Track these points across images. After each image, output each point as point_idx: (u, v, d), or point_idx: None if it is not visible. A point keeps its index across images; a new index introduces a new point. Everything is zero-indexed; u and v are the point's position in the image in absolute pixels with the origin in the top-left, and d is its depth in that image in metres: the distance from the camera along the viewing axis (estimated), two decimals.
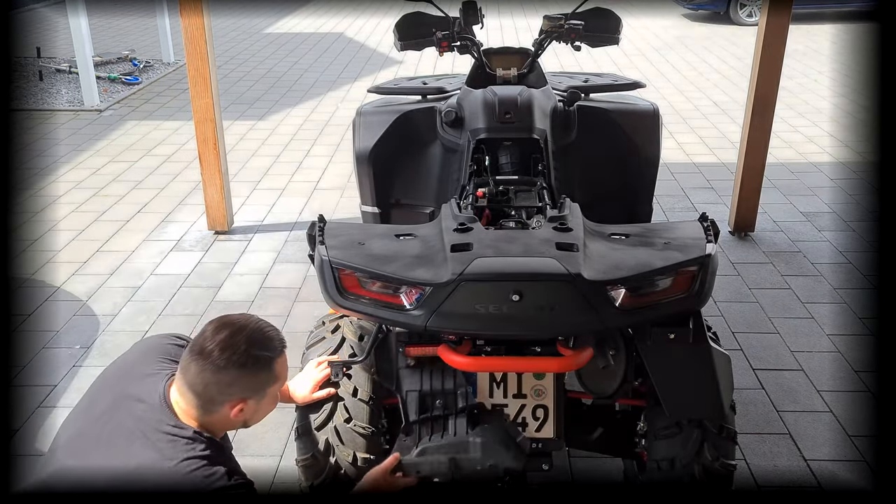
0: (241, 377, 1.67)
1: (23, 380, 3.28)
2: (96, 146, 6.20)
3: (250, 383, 1.70)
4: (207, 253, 4.40)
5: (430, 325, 1.87)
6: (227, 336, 1.67)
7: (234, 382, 1.67)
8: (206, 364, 1.65)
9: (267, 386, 1.73)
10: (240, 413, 1.71)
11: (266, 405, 1.78)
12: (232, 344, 1.66)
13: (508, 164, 2.89)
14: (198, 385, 1.66)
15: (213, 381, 1.66)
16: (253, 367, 1.68)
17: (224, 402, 1.69)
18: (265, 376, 1.72)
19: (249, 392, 1.70)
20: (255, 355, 1.68)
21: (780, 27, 4.19)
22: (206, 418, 1.70)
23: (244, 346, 1.67)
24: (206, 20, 4.27)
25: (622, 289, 1.86)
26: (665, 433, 2.12)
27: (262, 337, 1.71)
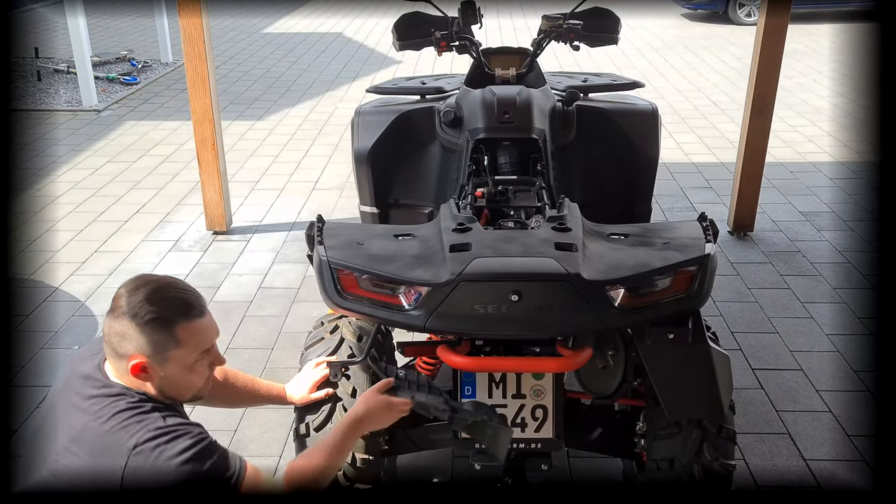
0: (134, 330, 1.62)
1: (21, 380, 3.27)
2: (95, 146, 6.19)
3: (143, 340, 1.62)
4: (206, 253, 4.40)
5: (428, 326, 1.87)
6: (132, 288, 1.65)
7: (125, 334, 1.63)
8: (112, 313, 1.65)
9: (167, 349, 1.65)
10: (141, 373, 1.65)
11: (177, 373, 1.68)
12: (132, 295, 1.64)
13: (507, 164, 2.89)
14: (105, 335, 1.66)
15: (112, 331, 1.64)
16: (144, 321, 1.62)
17: (124, 357, 1.64)
18: (161, 337, 1.63)
19: (145, 350, 1.63)
20: (148, 309, 1.62)
21: (779, 27, 4.19)
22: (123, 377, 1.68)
23: (141, 298, 1.63)
24: (205, 20, 4.26)
25: (621, 289, 1.86)
26: (664, 433, 2.12)
27: (165, 295, 1.66)
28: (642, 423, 2.17)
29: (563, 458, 2.75)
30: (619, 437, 2.27)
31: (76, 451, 1.60)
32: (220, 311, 3.78)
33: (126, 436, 1.59)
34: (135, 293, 1.64)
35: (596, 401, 2.28)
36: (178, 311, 1.66)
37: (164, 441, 1.59)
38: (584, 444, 2.31)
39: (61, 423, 1.67)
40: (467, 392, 2.09)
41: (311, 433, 2.15)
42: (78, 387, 1.70)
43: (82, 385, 1.69)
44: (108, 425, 1.61)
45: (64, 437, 1.64)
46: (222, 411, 3.01)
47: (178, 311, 1.66)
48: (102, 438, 1.59)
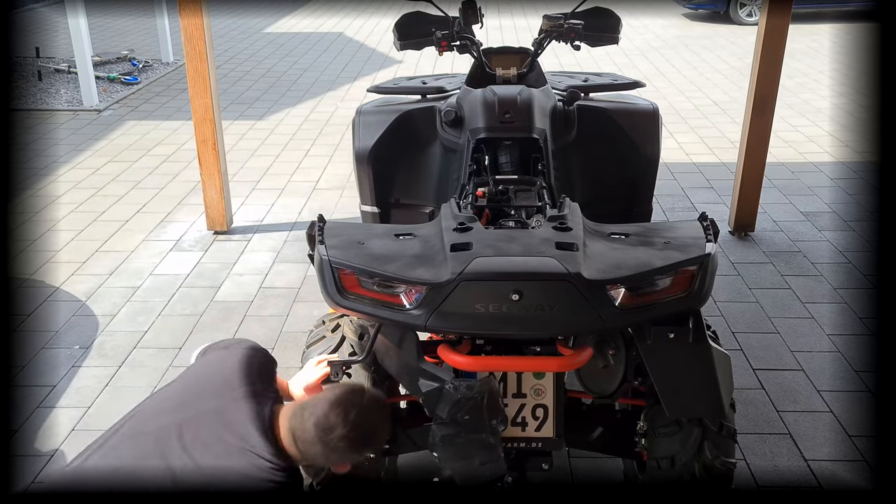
0: (345, 457, 1.81)
1: (22, 380, 3.27)
2: (95, 146, 6.19)
3: (350, 458, 1.84)
4: (207, 253, 4.40)
5: (429, 325, 1.87)
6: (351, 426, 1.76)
7: (335, 457, 1.81)
8: (324, 442, 1.76)
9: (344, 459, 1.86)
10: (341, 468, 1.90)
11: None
12: (351, 436, 1.77)
13: (508, 163, 2.89)
14: (308, 447, 1.78)
15: (323, 455, 1.79)
16: (356, 452, 1.82)
17: (333, 462, 1.85)
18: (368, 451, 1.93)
19: (345, 461, 1.85)
20: (363, 447, 1.84)
21: (781, 27, 4.19)
22: (302, 461, 1.84)
23: (358, 439, 1.78)
24: (206, 20, 4.26)
25: (622, 288, 1.86)
26: (665, 432, 2.12)
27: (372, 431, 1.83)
28: (643, 423, 2.17)
29: (564, 457, 2.75)
30: (620, 437, 2.27)
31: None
32: (220, 311, 3.79)
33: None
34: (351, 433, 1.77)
35: (597, 400, 2.28)
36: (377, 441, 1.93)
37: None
38: (585, 444, 2.31)
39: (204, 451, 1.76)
40: None
41: None
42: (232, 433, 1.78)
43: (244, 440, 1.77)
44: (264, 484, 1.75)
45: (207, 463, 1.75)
46: None
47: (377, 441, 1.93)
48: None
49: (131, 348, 3.49)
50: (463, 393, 1.96)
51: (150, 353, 3.45)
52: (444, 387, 1.98)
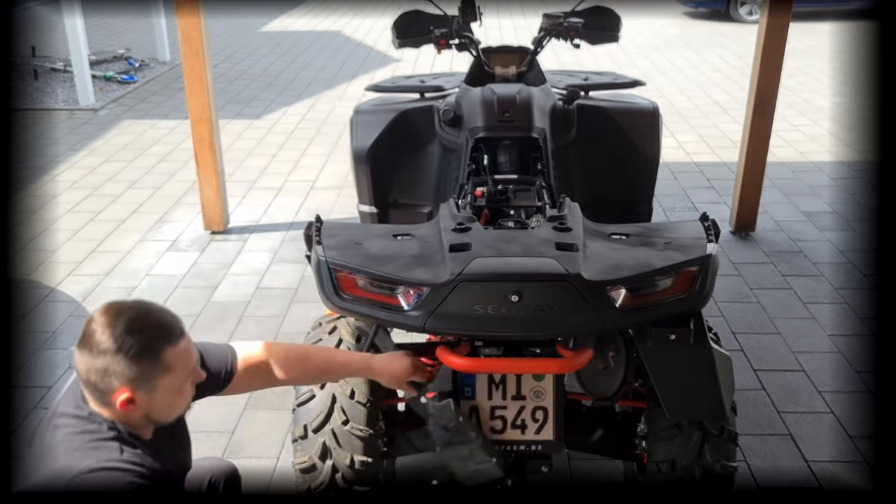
0: (116, 364, 1.52)
1: (19, 381, 3.25)
2: (92, 145, 6.17)
3: (130, 373, 1.53)
4: (203, 253, 4.38)
5: (428, 326, 1.85)
6: (107, 320, 1.54)
7: (108, 370, 1.53)
8: (85, 349, 1.54)
9: (155, 377, 1.56)
10: (129, 405, 1.56)
11: (165, 399, 1.61)
12: (110, 328, 1.53)
13: (507, 163, 2.87)
14: (82, 373, 1.55)
15: (92, 368, 1.53)
16: (130, 355, 1.53)
17: (109, 392, 1.55)
18: (149, 366, 1.55)
19: (133, 383, 1.54)
20: (132, 342, 1.53)
21: (781, 25, 4.17)
22: (109, 411, 1.59)
23: (121, 330, 1.53)
24: (202, 19, 4.24)
25: (622, 289, 1.84)
26: (665, 435, 2.10)
27: (147, 323, 1.57)
28: (643, 425, 2.16)
29: (564, 459, 2.73)
30: (620, 439, 2.26)
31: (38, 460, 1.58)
32: (217, 312, 3.76)
33: (76, 460, 1.53)
34: (112, 326, 1.54)
35: (597, 402, 2.26)
36: (162, 336, 1.58)
37: (104, 473, 1.53)
38: (585, 446, 2.30)
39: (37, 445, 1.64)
40: (467, 393, 2.07)
41: (310, 434, 2.13)
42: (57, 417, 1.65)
43: (62, 414, 1.64)
44: (67, 444, 1.56)
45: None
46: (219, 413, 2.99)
47: (162, 336, 1.58)
48: (59, 457, 1.55)
49: None
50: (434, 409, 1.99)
51: None
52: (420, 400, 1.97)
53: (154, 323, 1.58)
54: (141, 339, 1.54)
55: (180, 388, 1.63)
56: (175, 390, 1.62)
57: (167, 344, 1.57)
